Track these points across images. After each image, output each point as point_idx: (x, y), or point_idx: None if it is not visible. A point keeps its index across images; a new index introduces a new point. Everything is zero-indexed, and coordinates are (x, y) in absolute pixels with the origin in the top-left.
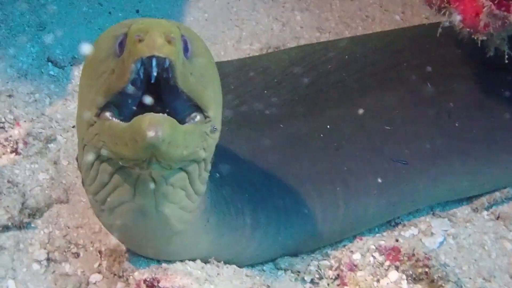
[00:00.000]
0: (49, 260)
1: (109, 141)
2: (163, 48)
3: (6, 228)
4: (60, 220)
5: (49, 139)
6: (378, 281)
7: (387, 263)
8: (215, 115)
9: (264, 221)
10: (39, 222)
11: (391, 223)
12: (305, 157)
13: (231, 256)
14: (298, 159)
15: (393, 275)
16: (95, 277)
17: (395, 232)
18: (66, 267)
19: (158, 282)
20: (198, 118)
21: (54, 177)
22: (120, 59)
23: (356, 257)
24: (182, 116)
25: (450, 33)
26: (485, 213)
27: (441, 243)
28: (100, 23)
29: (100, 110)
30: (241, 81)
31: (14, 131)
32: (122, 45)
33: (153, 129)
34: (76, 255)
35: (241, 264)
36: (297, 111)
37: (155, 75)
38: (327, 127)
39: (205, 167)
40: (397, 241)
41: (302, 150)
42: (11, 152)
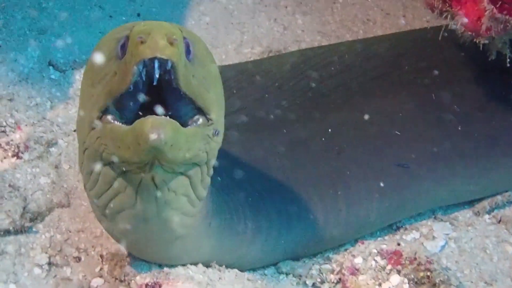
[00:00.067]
0: (51, 264)
1: (111, 145)
2: (165, 50)
3: (8, 232)
4: (62, 224)
5: (50, 143)
6: (380, 285)
7: (389, 267)
8: (218, 118)
9: (266, 225)
10: (41, 226)
11: (393, 227)
12: (307, 161)
13: (233, 260)
14: (300, 163)
15: (395, 279)
16: (97, 282)
17: (397, 236)
18: (68, 271)
19: (160, 287)
20: (201, 121)
21: (55, 181)
22: (122, 61)
23: (358, 261)
24: (185, 119)
25: (452, 37)
26: (487, 217)
27: (443, 247)
28: (101, 27)
29: (102, 113)
30: (242, 85)
31: (15, 135)
32: (124, 48)
33: (156, 132)
34: (78, 259)
35: (243, 268)
36: (299, 115)
37: (157, 77)
38: (329, 131)
39: (208, 172)
40: (399, 245)
41: (304, 154)
42: (12, 156)
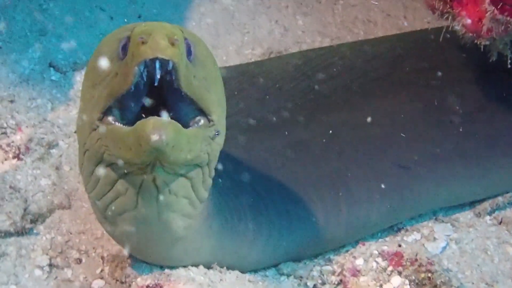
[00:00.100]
0: (51, 266)
1: (113, 146)
2: (167, 50)
3: (8, 234)
4: (62, 226)
5: (51, 145)
6: (381, 286)
7: (390, 268)
8: (219, 119)
9: (267, 227)
10: (41, 228)
11: (394, 228)
12: (308, 162)
13: (234, 262)
14: (301, 164)
15: (396, 280)
16: (98, 283)
17: (398, 237)
18: (68, 273)
19: None
20: (202, 122)
21: (56, 183)
22: (123, 62)
23: (359, 263)
24: (186, 120)
25: (453, 38)
26: (488, 218)
27: (444, 248)
28: (102, 28)
29: (103, 114)
30: (243, 87)
31: (16, 137)
32: (125, 48)
33: (157, 133)
34: (79, 261)
35: (244, 270)
36: (299, 116)
37: (159, 78)
38: (330, 132)
39: (209, 173)
40: (400, 246)
41: (304, 155)
42: (13, 158)
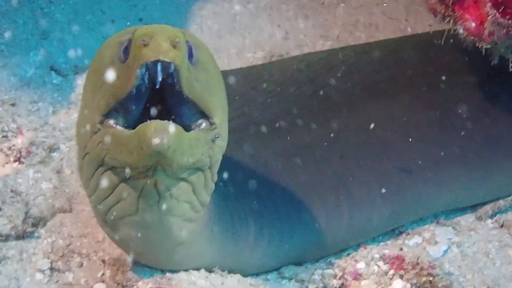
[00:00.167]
0: (53, 270)
1: (114, 149)
2: (168, 53)
3: (9, 238)
4: (64, 229)
5: (52, 148)
6: None
7: (392, 272)
8: (221, 122)
9: (268, 230)
10: (42, 232)
11: (395, 232)
12: (309, 166)
13: (235, 265)
14: (302, 168)
15: (398, 284)
16: (99, 287)
17: (399, 241)
18: (70, 277)
19: None
20: (204, 125)
21: (57, 186)
22: (125, 65)
23: (361, 266)
24: (188, 123)
25: (455, 41)
26: (489, 221)
27: (445, 252)
28: (104, 32)
29: (104, 118)
30: (245, 90)
31: (17, 140)
32: (127, 51)
33: (159, 136)
34: (80, 265)
35: (245, 273)
36: (301, 120)
37: (160, 80)
38: (331, 136)
39: (212, 177)
40: (401, 250)
41: (306, 159)
42: (14, 161)
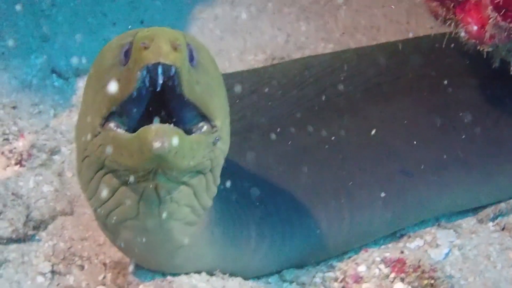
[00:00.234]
0: (54, 273)
1: (114, 152)
2: (169, 55)
3: (11, 241)
4: (65, 232)
5: (54, 151)
6: None
7: (393, 275)
8: (222, 125)
9: (269, 233)
10: (44, 235)
11: (397, 235)
12: (310, 169)
13: (237, 269)
14: (303, 171)
15: (399, 287)
16: None
17: (401, 244)
18: (71, 280)
19: None
20: (205, 128)
21: (59, 189)
22: (126, 68)
23: (362, 269)
24: (189, 126)
25: (456, 44)
26: (491, 224)
27: (447, 255)
28: (105, 34)
29: (105, 120)
30: (246, 93)
31: (19, 143)
32: (128, 54)
33: (160, 140)
34: (81, 268)
35: (247, 277)
36: (302, 123)
37: (161, 83)
38: (333, 139)
39: (214, 180)
40: (403, 253)
41: (307, 162)
42: (16, 164)
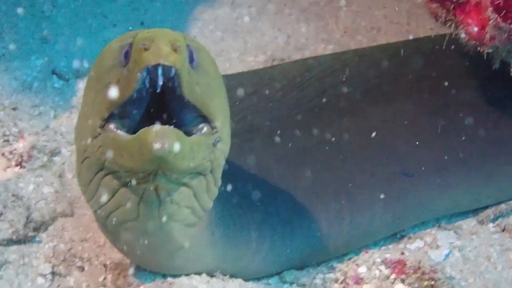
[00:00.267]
0: (54, 274)
1: (114, 154)
2: (169, 57)
3: (11, 242)
4: (65, 234)
5: (54, 152)
6: None
7: (393, 276)
8: (222, 126)
9: (270, 234)
10: (44, 236)
11: (397, 236)
12: (310, 170)
13: (237, 270)
14: (303, 172)
15: None
16: None
17: (401, 245)
18: (71, 281)
19: None
20: (205, 130)
21: (59, 190)
22: (126, 69)
23: (362, 270)
24: (189, 128)
25: (456, 45)
26: (491, 225)
27: (447, 256)
28: (105, 35)
29: (104, 122)
30: (246, 94)
31: (19, 144)
32: (128, 55)
33: (160, 141)
34: (81, 269)
35: (247, 278)
36: (302, 124)
37: (161, 84)
38: (333, 140)
39: (215, 182)
40: (403, 254)
41: (307, 163)
42: (16, 166)
